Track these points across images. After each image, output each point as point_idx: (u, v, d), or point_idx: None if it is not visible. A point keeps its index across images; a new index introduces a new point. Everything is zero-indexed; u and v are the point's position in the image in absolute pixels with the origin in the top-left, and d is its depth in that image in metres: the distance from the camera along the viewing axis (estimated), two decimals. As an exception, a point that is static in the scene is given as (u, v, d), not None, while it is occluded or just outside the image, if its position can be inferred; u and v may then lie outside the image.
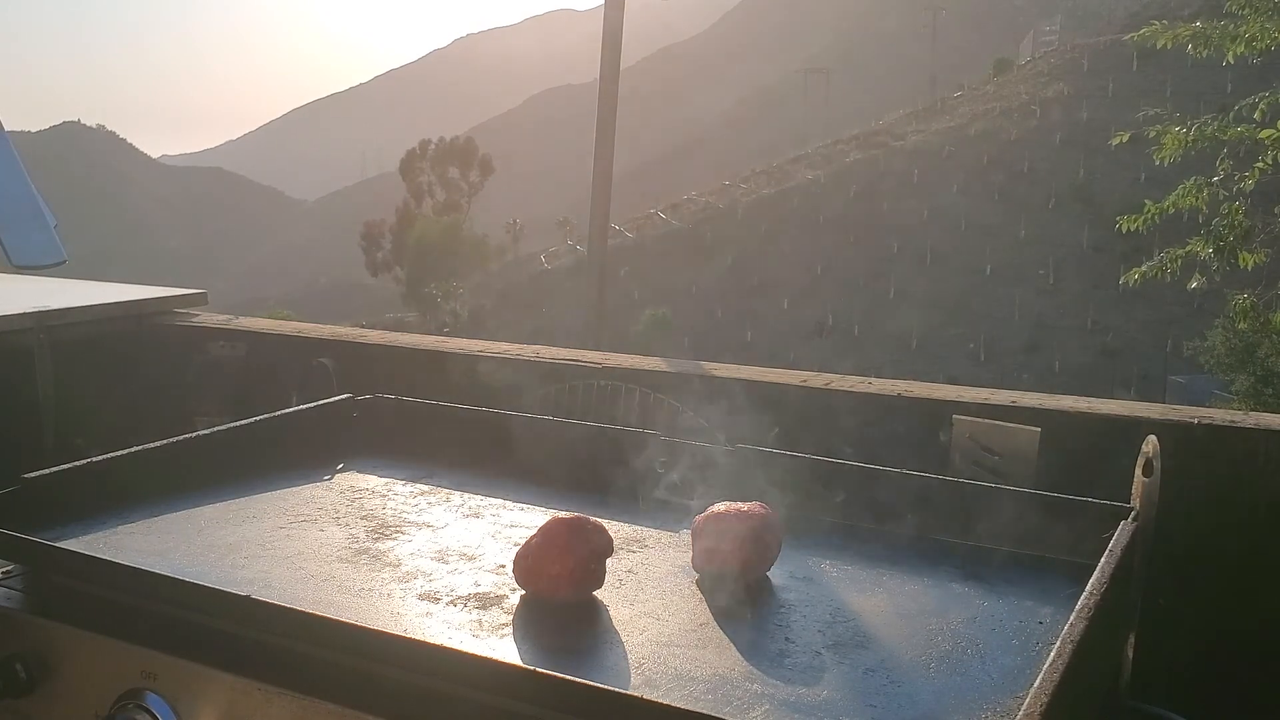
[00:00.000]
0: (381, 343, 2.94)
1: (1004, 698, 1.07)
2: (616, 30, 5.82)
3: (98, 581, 1.27)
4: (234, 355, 2.98)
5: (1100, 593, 1.15)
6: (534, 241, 67.35)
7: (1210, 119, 9.34)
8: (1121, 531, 1.35)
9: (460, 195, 67.05)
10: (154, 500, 1.57)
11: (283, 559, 1.41)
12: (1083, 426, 2.04)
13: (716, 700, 1.06)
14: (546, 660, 1.11)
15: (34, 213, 3.02)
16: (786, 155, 69.41)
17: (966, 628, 1.25)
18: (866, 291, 49.74)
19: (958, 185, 55.09)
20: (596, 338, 5.84)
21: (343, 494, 1.69)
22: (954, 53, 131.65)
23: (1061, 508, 1.48)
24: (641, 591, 1.34)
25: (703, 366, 2.55)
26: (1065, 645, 1.03)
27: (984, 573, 1.41)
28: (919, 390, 2.25)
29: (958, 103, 67.55)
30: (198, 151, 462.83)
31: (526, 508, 1.65)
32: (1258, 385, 16.18)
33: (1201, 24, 9.44)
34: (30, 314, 2.90)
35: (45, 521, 1.43)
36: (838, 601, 1.32)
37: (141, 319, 3.20)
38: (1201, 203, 9.28)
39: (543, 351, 2.72)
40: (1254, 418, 2.03)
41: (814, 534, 1.52)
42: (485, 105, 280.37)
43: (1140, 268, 9.91)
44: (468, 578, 1.36)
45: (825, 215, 55.30)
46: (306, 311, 68.18)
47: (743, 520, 1.37)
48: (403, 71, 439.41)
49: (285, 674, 1.10)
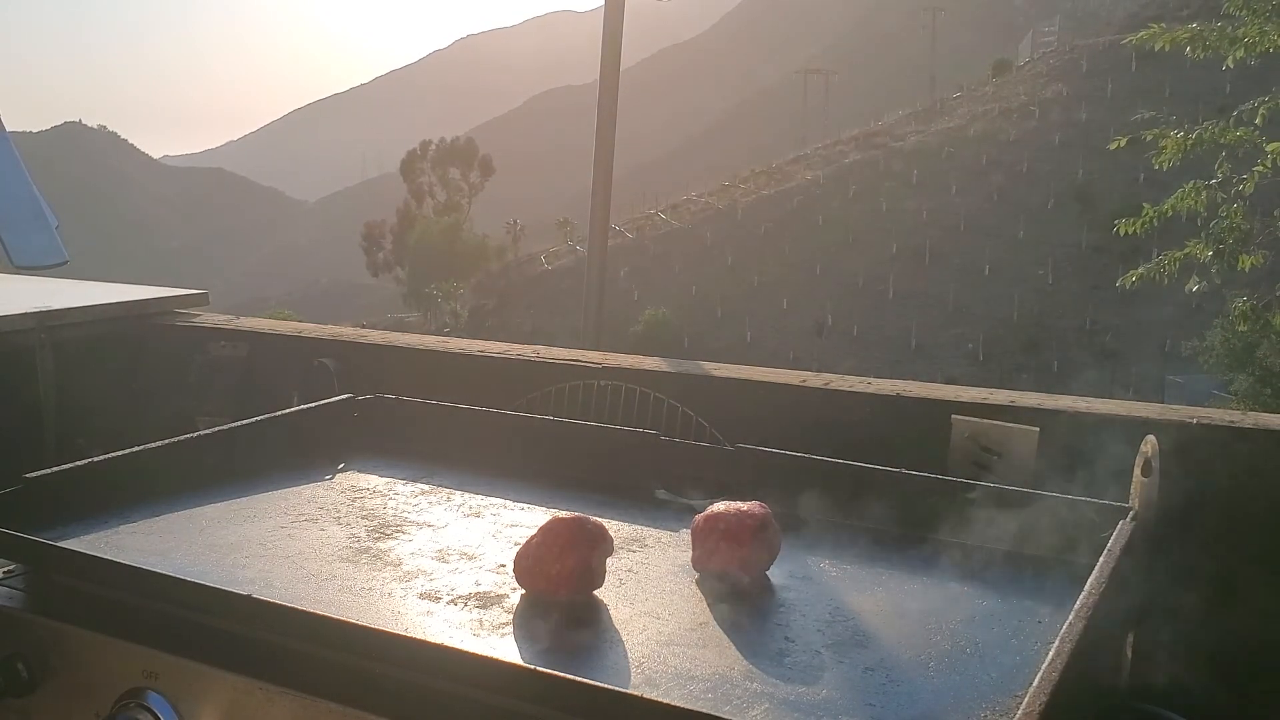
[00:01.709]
0: (382, 343, 2.94)
1: (1003, 697, 1.08)
2: (616, 30, 5.83)
3: (99, 581, 1.27)
4: (235, 355, 2.98)
5: (1099, 592, 1.16)
6: (534, 242, 67.31)
7: (1210, 124, 9.35)
8: (1120, 531, 1.35)
9: (461, 196, 67.07)
10: (155, 500, 1.58)
11: (284, 558, 1.41)
12: (1081, 426, 2.04)
13: (716, 699, 1.06)
14: (547, 659, 1.11)
15: (35, 213, 3.03)
16: (786, 155, 69.37)
17: (965, 627, 1.25)
18: (866, 291, 49.71)
19: (957, 186, 55.06)
20: (596, 338, 5.84)
21: (344, 494, 1.70)
22: (953, 53, 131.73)
23: (1060, 507, 1.48)
24: (641, 591, 1.34)
25: (703, 366, 2.55)
26: (1064, 645, 1.03)
27: (983, 572, 1.41)
28: (918, 390, 2.25)
29: (957, 103, 67.52)
30: (199, 152, 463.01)
31: (527, 507, 1.65)
32: (1256, 385, 16.19)
33: (1200, 26, 9.45)
34: (31, 314, 2.90)
35: (47, 521, 1.43)
36: (837, 601, 1.32)
37: (143, 319, 3.20)
38: (1200, 205, 9.28)
39: (543, 351, 2.72)
40: (1253, 418, 2.03)
41: (814, 534, 1.52)
42: (485, 105, 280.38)
43: (1138, 270, 9.93)
44: (468, 577, 1.36)
45: (825, 215, 55.26)
46: (307, 312, 68.19)
47: (743, 520, 1.37)
48: (403, 72, 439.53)
49: (287, 673, 1.11)
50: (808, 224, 55.06)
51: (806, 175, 61.09)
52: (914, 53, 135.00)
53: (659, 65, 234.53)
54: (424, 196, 67.01)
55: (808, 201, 57.39)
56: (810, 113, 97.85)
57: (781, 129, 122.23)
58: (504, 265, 62.33)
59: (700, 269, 53.79)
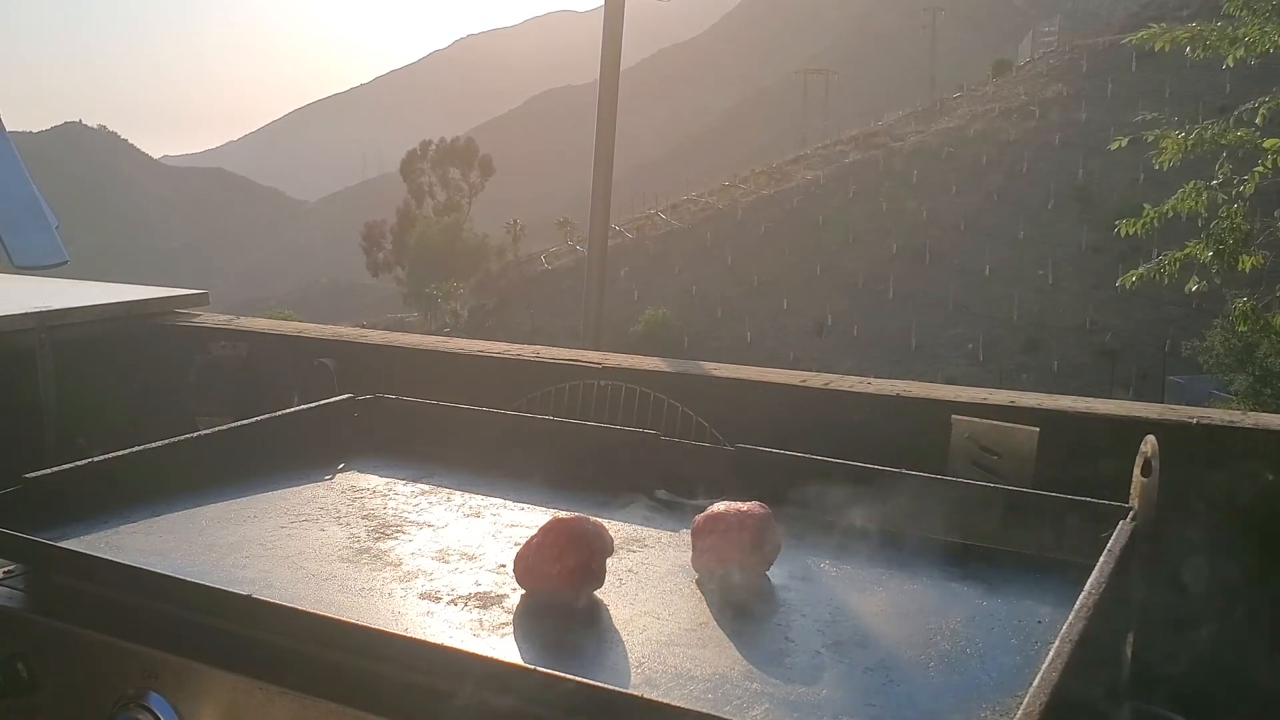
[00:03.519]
0: (382, 343, 2.94)
1: (1003, 697, 1.08)
2: (616, 30, 5.83)
3: (99, 581, 1.27)
4: (235, 355, 2.99)
5: (1099, 592, 1.16)
6: (534, 242, 67.32)
7: (1210, 123, 9.35)
8: (1120, 531, 1.35)
9: (460, 196, 67.08)
10: (155, 500, 1.58)
11: (284, 558, 1.41)
12: (1081, 426, 2.05)
13: (716, 699, 1.06)
14: (547, 659, 1.11)
15: (36, 214, 3.03)
16: (786, 155, 69.39)
17: (966, 627, 1.25)
18: (866, 291, 49.71)
19: (957, 186, 55.06)
20: (596, 338, 5.85)
21: (344, 494, 1.69)
22: (953, 53, 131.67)
23: (1060, 507, 1.48)
24: (641, 591, 1.34)
25: (703, 366, 2.55)
26: (1064, 644, 1.03)
27: (983, 572, 1.41)
28: (918, 390, 2.26)
29: (957, 103, 67.51)
30: (199, 152, 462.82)
31: (526, 508, 1.65)
32: (1256, 385, 16.19)
33: (1199, 26, 9.45)
34: (32, 314, 2.91)
35: (47, 521, 1.43)
36: (837, 601, 1.32)
37: (143, 319, 3.20)
38: (1200, 206, 9.28)
39: (543, 351, 2.73)
40: (1252, 418, 2.03)
41: (814, 534, 1.52)
42: (485, 106, 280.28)
43: (1138, 270, 9.92)
44: (468, 577, 1.36)
45: (825, 215, 55.27)
46: (307, 312, 68.18)
47: (742, 520, 1.37)
48: (403, 72, 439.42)
49: (287, 673, 1.11)
50: (808, 224, 55.07)
51: (806, 175, 61.09)
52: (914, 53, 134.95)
53: (659, 65, 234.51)
54: (424, 196, 67.02)
55: (808, 201, 57.41)
56: (810, 113, 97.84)
57: (781, 129, 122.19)
58: (504, 265, 62.37)
59: (700, 269, 53.80)
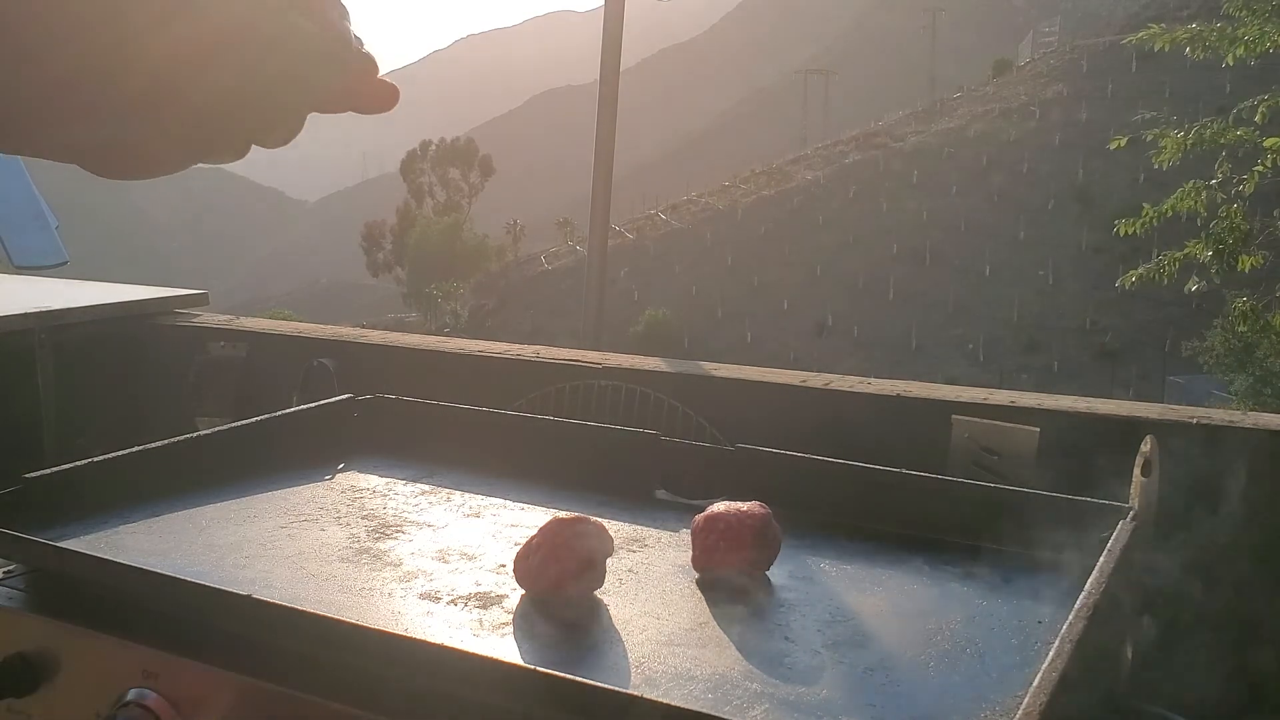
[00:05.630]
0: (382, 343, 2.94)
1: (1003, 697, 1.07)
2: (616, 31, 5.83)
3: (99, 581, 1.27)
4: (235, 355, 2.98)
5: (1099, 592, 1.16)
6: (534, 242, 67.35)
7: (1209, 122, 9.36)
8: (1120, 531, 1.35)
9: (461, 196, 67.14)
10: (155, 500, 1.58)
11: (284, 559, 1.41)
12: (1081, 426, 2.04)
13: (716, 699, 1.06)
14: (547, 659, 1.11)
15: (35, 213, 3.03)
16: (786, 156, 69.39)
17: (966, 627, 1.25)
18: (866, 292, 49.74)
19: (957, 186, 55.09)
20: (596, 338, 5.85)
21: (343, 494, 1.69)
22: (953, 54, 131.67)
23: (1060, 507, 1.48)
24: (641, 591, 1.34)
25: (703, 366, 2.55)
26: (1064, 644, 1.03)
27: (983, 573, 1.41)
28: (918, 390, 2.25)
29: (957, 104, 67.52)
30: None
31: (527, 508, 1.65)
32: (1256, 385, 16.21)
33: (1199, 26, 9.46)
34: (31, 314, 2.90)
35: (46, 521, 1.43)
36: (837, 601, 1.32)
37: (142, 319, 3.20)
38: (1200, 206, 9.29)
39: (543, 351, 2.72)
40: (1253, 417, 2.03)
41: (814, 534, 1.52)
42: (485, 106, 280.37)
43: (1137, 270, 9.93)
44: (468, 577, 1.36)
45: (825, 215, 55.29)
46: (307, 312, 68.25)
47: (742, 520, 1.37)
48: (403, 72, 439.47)
49: (286, 674, 1.11)
50: (808, 224, 55.09)
51: (806, 175, 61.11)
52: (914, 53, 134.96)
53: (659, 65, 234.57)
54: (424, 196, 67.07)
55: (808, 202, 57.42)
56: (810, 113, 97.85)
57: (781, 129, 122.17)
58: (504, 265, 62.39)
59: (700, 269, 53.81)
